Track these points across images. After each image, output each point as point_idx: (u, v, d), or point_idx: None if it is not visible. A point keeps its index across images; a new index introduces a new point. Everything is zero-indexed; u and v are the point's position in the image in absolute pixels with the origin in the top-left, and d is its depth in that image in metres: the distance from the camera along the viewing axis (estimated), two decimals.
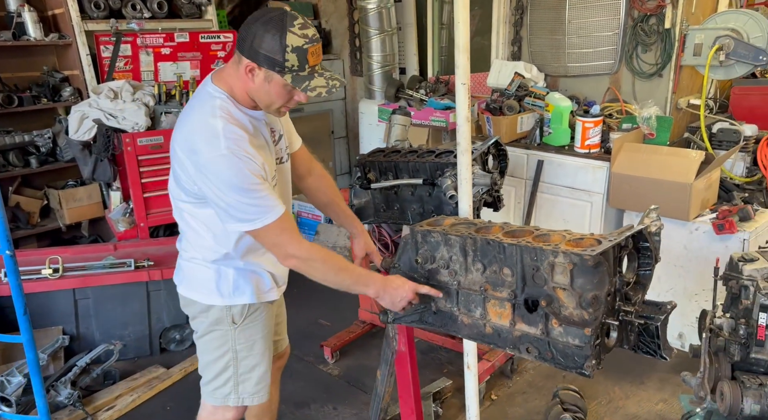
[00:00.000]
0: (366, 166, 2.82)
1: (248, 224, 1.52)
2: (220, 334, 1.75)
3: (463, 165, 2.11)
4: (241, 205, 1.49)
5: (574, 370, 1.47)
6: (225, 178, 1.47)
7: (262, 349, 1.80)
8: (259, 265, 1.75)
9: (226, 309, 1.72)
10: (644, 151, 3.03)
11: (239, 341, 1.76)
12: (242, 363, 1.77)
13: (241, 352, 1.76)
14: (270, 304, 1.81)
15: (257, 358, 1.79)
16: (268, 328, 1.82)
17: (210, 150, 1.47)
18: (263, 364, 1.81)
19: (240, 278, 1.72)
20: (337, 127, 5.11)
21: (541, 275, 1.53)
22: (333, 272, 1.65)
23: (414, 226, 1.86)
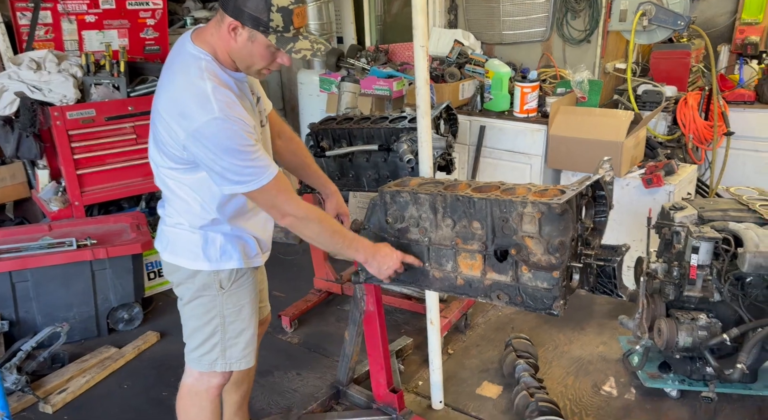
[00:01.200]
0: (318, 134, 2.82)
1: (245, 186, 1.51)
2: (208, 300, 1.73)
3: (423, 128, 2.17)
4: (236, 168, 1.48)
5: (543, 310, 1.60)
6: (219, 141, 1.45)
7: (250, 314, 1.80)
8: (246, 231, 1.75)
9: (213, 274, 1.71)
10: (578, 113, 3.22)
11: (227, 306, 1.75)
12: (230, 327, 1.76)
13: (228, 317, 1.76)
14: (255, 270, 1.82)
15: (245, 322, 1.79)
16: (254, 293, 1.82)
17: (202, 114, 1.44)
18: (250, 328, 1.81)
19: (227, 243, 1.71)
20: (273, 98, 4.96)
21: (510, 226, 1.63)
22: (328, 234, 1.68)
23: (382, 187, 1.91)
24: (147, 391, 2.57)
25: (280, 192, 1.57)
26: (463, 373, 2.64)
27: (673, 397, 2.38)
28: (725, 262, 2.22)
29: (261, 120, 1.74)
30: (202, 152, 1.48)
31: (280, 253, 3.97)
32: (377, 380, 2.17)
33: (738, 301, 2.22)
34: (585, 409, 2.37)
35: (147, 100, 3.44)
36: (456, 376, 2.61)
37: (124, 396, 2.54)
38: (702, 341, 2.21)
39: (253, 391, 2.52)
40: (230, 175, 1.50)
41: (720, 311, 2.31)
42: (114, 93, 3.37)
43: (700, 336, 2.22)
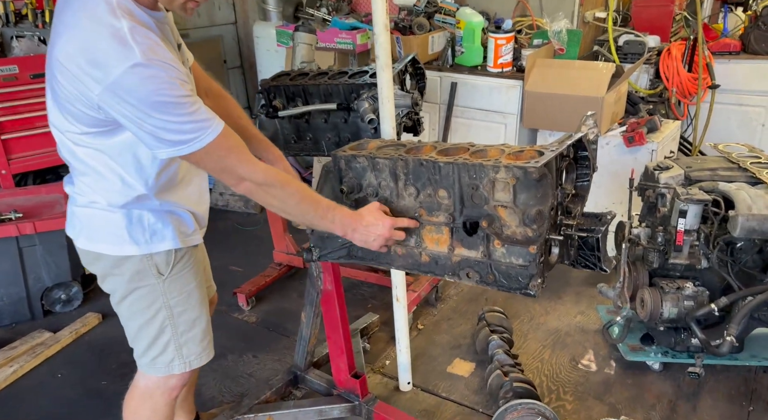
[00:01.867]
0: (270, 92, 2.52)
1: (185, 147, 1.23)
2: (147, 291, 1.47)
3: (383, 82, 1.90)
4: (172, 125, 1.20)
5: (518, 291, 1.39)
6: (146, 94, 1.16)
7: (199, 299, 1.56)
8: (178, 205, 1.47)
9: (146, 259, 1.44)
10: (556, 66, 2.97)
11: (172, 294, 1.49)
12: (180, 319, 1.52)
13: (176, 307, 1.51)
14: (195, 249, 1.56)
15: (196, 309, 1.55)
16: (200, 275, 1.58)
17: (121, 60, 1.14)
18: (203, 315, 1.58)
19: (158, 221, 1.43)
20: (229, 55, 4.62)
21: (481, 194, 1.41)
22: (294, 201, 1.40)
23: (336, 151, 1.66)
24: (84, 380, 2.33)
25: (231, 151, 1.29)
26: (434, 349, 2.46)
27: (655, 370, 2.25)
28: (714, 226, 2.05)
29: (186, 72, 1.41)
30: (126, 109, 1.18)
31: (238, 223, 3.71)
32: (337, 365, 1.97)
33: (727, 267, 2.05)
34: (562, 386, 2.22)
35: None
36: (426, 354, 2.43)
37: (57, 386, 2.30)
38: (688, 312, 2.06)
39: (204, 378, 2.31)
40: (165, 134, 1.21)
41: (706, 279, 2.15)
42: (39, 46, 3.01)
43: (686, 306, 2.06)
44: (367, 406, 1.94)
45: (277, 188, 1.37)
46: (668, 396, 2.14)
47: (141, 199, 1.41)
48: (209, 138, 1.24)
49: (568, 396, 2.17)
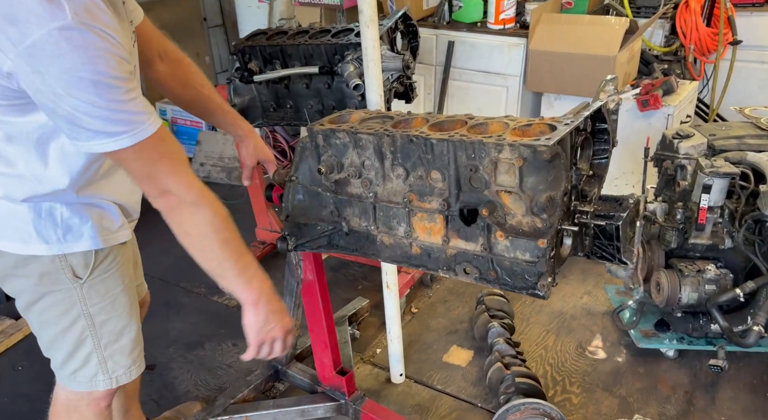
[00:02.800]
0: (245, 53, 2.24)
1: (112, 141, 0.99)
2: (61, 297, 1.25)
3: (369, 41, 1.65)
4: (97, 111, 0.96)
5: (524, 290, 1.19)
6: (71, 66, 0.91)
7: (127, 304, 1.34)
8: (101, 197, 1.23)
9: (58, 260, 1.21)
10: (564, 21, 2.70)
11: (93, 302, 1.27)
12: (103, 330, 1.30)
13: (98, 316, 1.29)
14: (122, 246, 1.33)
15: (124, 318, 1.33)
16: (128, 277, 1.35)
17: (44, 19, 0.89)
18: (132, 323, 1.36)
19: (73, 216, 1.20)
20: (209, 12, 4.28)
21: (481, 177, 1.18)
22: (218, 239, 1.15)
23: (313, 125, 1.43)
24: (45, 374, 2.12)
25: (164, 156, 1.06)
26: (429, 335, 2.28)
27: (670, 357, 2.07)
28: (742, 202, 1.83)
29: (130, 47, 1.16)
30: (41, 82, 0.93)
31: (221, 196, 3.46)
32: (321, 361, 1.79)
33: (754, 248, 1.84)
34: (568, 376, 2.05)
35: None
36: (420, 341, 2.26)
37: (17, 381, 2.12)
38: (709, 297, 1.86)
39: (178, 369, 2.14)
40: (87, 121, 0.96)
41: (730, 260, 1.95)
42: None
43: (708, 291, 1.87)
44: (354, 405, 1.77)
45: (205, 214, 1.12)
46: (684, 387, 1.97)
47: (56, 193, 1.16)
48: (143, 135, 1.01)
49: (574, 388, 2.00)
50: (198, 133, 3.73)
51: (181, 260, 2.61)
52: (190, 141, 3.85)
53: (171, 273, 2.72)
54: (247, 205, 3.34)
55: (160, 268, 2.79)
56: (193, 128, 3.83)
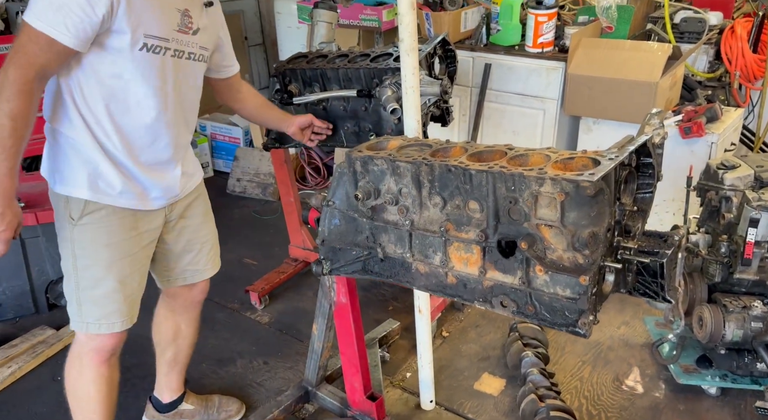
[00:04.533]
0: (286, 75, 2.30)
1: (26, 11, 1.27)
2: (60, 227, 1.49)
3: (408, 69, 1.66)
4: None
5: (564, 327, 1.16)
6: None
7: (109, 261, 1.47)
8: (94, 152, 1.41)
9: (62, 199, 1.45)
10: (604, 46, 2.66)
11: (78, 245, 1.47)
12: (83, 274, 1.47)
13: (81, 259, 1.47)
14: (125, 211, 1.48)
15: (101, 269, 1.47)
16: (120, 238, 1.48)
17: None
18: (110, 280, 1.48)
19: (75, 159, 1.42)
20: (250, 32, 4.40)
21: (520, 209, 1.17)
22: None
23: (351, 151, 1.43)
24: None
25: (27, 44, 1.26)
26: (460, 361, 2.25)
27: (711, 395, 1.99)
28: None
29: (193, 53, 1.50)
30: None
31: (255, 211, 3.54)
32: (351, 384, 1.78)
33: None
34: (605, 410, 1.98)
35: None
36: (451, 366, 2.23)
37: (57, 391, 2.15)
38: (756, 335, 1.79)
39: (210, 386, 2.17)
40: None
41: None
42: None
43: (754, 329, 1.80)
44: None
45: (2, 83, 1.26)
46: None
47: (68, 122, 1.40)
48: (29, 17, 1.25)
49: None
50: (236, 148, 3.80)
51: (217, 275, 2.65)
52: (228, 156, 3.93)
53: None
54: (282, 221, 3.38)
55: None
56: (232, 144, 3.91)
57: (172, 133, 1.52)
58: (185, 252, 1.71)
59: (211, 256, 1.79)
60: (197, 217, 1.72)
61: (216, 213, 3.45)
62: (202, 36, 1.52)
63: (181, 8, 1.44)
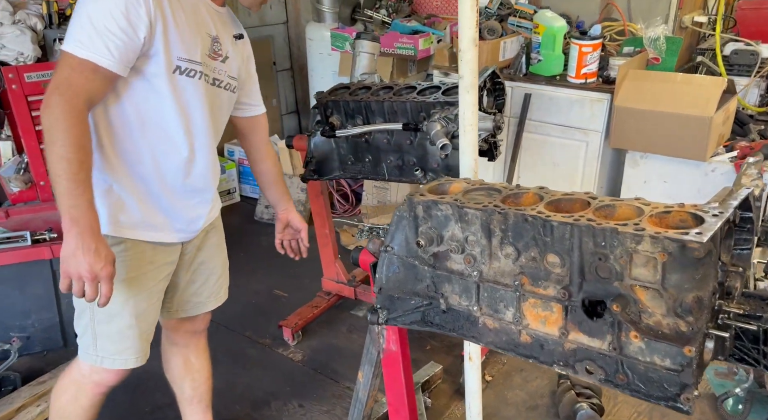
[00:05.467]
0: (327, 107, 2.23)
1: (66, 41, 1.26)
2: None
3: (467, 106, 1.58)
4: (78, 18, 1.25)
5: (662, 401, 1.04)
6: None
7: (125, 296, 1.43)
8: (118, 184, 1.38)
9: None
10: (653, 79, 2.57)
11: None
12: (99, 308, 1.37)
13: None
14: (145, 244, 1.44)
15: (116, 305, 1.41)
16: (138, 272, 1.44)
17: None
18: (125, 316, 1.45)
19: (96, 193, 1.31)
20: (279, 57, 4.38)
21: (611, 267, 1.06)
22: (57, 147, 1.21)
23: (412, 194, 1.34)
24: None
25: (72, 72, 1.23)
26: (506, 410, 2.12)
27: None
28: None
29: (221, 80, 1.48)
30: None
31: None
32: None
33: None
34: None
35: None
36: (498, 415, 2.10)
37: None
38: None
39: None
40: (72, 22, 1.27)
41: None
42: None
43: None
44: None
45: (54, 116, 1.21)
46: None
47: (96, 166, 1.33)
48: (69, 47, 1.24)
49: None
50: None
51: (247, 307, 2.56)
52: (256, 182, 3.87)
53: (237, 321, 2.67)
54: (311, 251, 3.30)
55: (225, 314, 2.73)
56: None
57: (209, 160, 1.50)
58: (190, 282, 1.65)
59: (216, 288, 1.72)
60: (210, 249, 1.67)
61: (243, 240, 3.38)
62: (231, 65, 1.51)
63: (212, 34, 1.44)
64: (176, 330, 1.75)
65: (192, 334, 1.77)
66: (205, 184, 1.52)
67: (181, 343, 1.77)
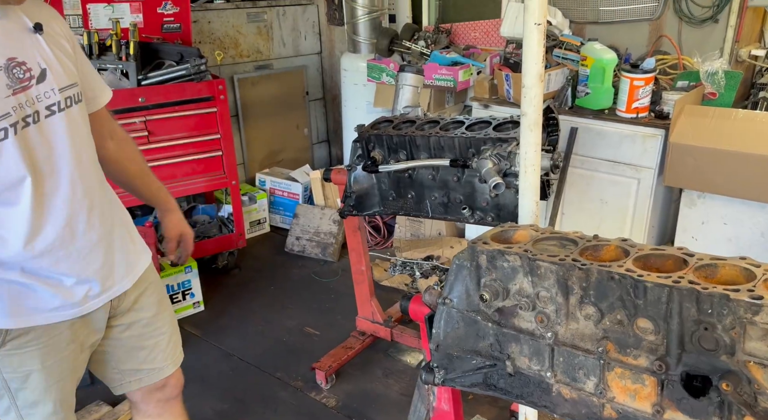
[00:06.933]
0: (370, 141, 2.14)
1: None
2: None
3: (530, 146, 1.46)
4: None
5: None
6: None
7: (44, 385, 1.27)
8: (30, 272, 1.19)
9: None
10: (711, 115, 2.43)
11: (6, 370, 1.24)
12: (19, 394, 1.27)
13: (12, 382, 1.26)
14: (61, 325, 1.25)
15: (37, 393, 1.28)
16: (54, 358, 1.27)
17: None
18: (48, 403, 1.29)
19: None
20: (312, 86, 4.35)
21: (718, 338, 0.93)
22: None
23: (475, 242, 1.23)
24: None
25: None
26: None
27: None
28: None
29: (53, 104, 1.16)
30: None
31: (314, 272, 3.34)
32: None
33: None
34: None
35: (161, 90, 2.85)
36: None
37: None
38: None
39: None
40: None
41: None
42: (122, 81, 2.79)
43: None
44: None
45: None
46: None
47: None
48: None
49: None
50: (296, 205, 3.66)
51: (278, 346, 2.41)
52: (287, 212, 3.79)
53: (267, 360, 2.56)
54: (341, 282, 3.20)
55: (255, 352, 2.64)
56: (290, 200, 3.78)
57: (86, 207, 1.25)
58: (136, 349, 1.44)
59: (170, 351, 1.51)
60: (150, 309, 1.45)
61: (274, 272, 3.27)
62: (55, 75, 1.17)
63: (2, 61, 1.09)
64: (146, 401, 1.54)
65: (165, 402, 1.56)
66: (99, 235, 1.29)
67: (155, 413, 1.56)
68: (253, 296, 3.06)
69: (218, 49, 3.75)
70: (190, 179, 3.02)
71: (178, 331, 1.56)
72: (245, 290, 3.13)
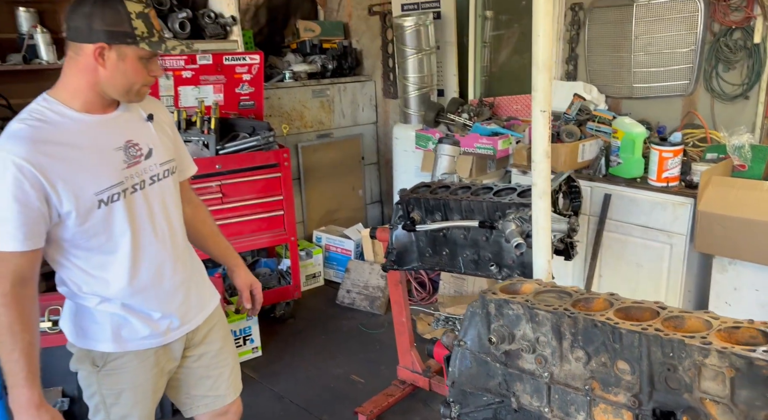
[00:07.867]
0: (410, 203, 2.42)
1: None
2: (85, 374, 1.54)
3: (540, 211, 1.69)
4: None
5: None
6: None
7: (132, 402, 1.55)
8: (127, 307, 1.48)
9: (83, 350, 1.51)
10: (739, 186, 2.56)
11: (104, 386, 1.53)
12: (112, 410, 1.55)
13: (108, 398, 1.55)
14: (149, 351, 1.54)
15: (126, 409, 1.55)
16: (142, 379, 1.55)
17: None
18: (134, 418, 1.57)
19: (93, 323, 1.47)
20: (367, 152, 4.74)
21: (680, 378, 1.09)
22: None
23: (485, 292, 1.44)
24: None
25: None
26: None
27: None
28: None
29: (155, 174, 1.49)
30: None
31: (362, 324, 3.57)
32: None
33: None
34: None
35: (235, 158, 3.26)
36: None
37: None
38: None
39: None
40: None
41: None
42: (203, 150, 3.23)
43: None
44: None
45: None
46: None
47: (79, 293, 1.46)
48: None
49: None
50: (348, 261, 3.95)
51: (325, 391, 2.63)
52: (339, 267, 4.08)
53: (314, 403, 2.76)
54: (387, 337, 3.38)
55: (305, 396, 2.85)
56: (343, 256, 4.08)
57: (173, 257, 1.53)
58: (204, 378, 1.70)
59: (232, 381, 1.76)
60: (217, 343, 1.71)
61: (325, 323, 3.51)
62: (158, 153, 1.50)
63: (121, 144, 1.42)
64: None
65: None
66: (181, 280, 1.56)
67: None
68: (305, 344, 3.31)
69: (285, 121, 4.22)
70: (255, 235, 3.37)
71: (238, 365, 1.82)
72: (299, 338, 3.39)
